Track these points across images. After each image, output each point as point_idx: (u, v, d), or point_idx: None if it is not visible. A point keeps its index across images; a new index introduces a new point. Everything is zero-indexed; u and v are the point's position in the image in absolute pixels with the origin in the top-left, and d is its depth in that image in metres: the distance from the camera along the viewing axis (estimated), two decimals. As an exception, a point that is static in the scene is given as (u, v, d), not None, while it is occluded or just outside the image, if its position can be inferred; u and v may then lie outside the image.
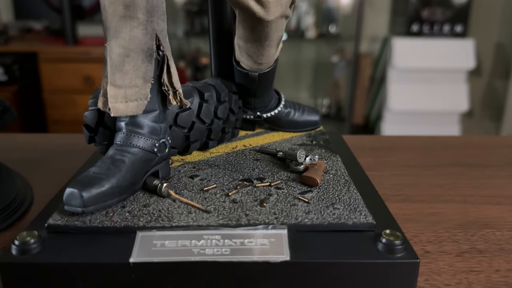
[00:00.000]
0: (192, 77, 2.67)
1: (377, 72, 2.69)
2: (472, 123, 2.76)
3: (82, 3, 2.50)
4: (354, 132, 2.65)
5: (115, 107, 0.50)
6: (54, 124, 2.53)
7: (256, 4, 0.54)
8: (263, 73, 0.64)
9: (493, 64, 2.74)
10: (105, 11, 0.48)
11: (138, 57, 0.49)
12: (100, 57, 2.38)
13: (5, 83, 2.42)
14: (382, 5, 2.67)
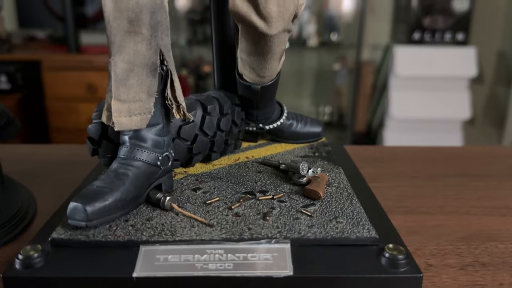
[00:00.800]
0: (195, 85, 2.68)
1: (379, 80, 2.69)
2: (475, 131, 2.76)
3: (85, 12, 2.52)
4: (356, 140, 2.65)
5: (119, 121, 0.50)
6: (56, 132, 2.54)
7: (259, 19, 0.55)
8: (266, 85, 0.65)
9: (495, 71, 2.74)
10: (109, 26, 0.48)
11: (142, 71, 0.49)
12: (103, 65, 2.40)
13: (8, 91, 2.43)
14: (383, 13, 2.68)
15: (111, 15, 0.47)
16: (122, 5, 0.47)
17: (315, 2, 2.56)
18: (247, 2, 0.55)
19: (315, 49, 2.66)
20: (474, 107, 2.63)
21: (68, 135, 2.53)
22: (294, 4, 0.56)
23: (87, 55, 2.44)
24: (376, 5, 2.65)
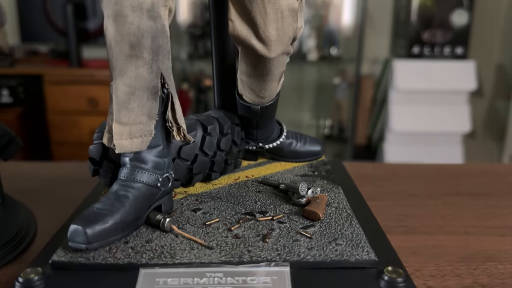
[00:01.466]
0: (195, 99, 2.69)
1: (379, 93, 2.70)
2: (475, 144, 2.76)
3: (87, 26, 2.54)
4: (357, 153, 2.65)
5: (120, 144, 0.50)
6: (57, 145, 2.54)
7: (259, 42, 0.56)
8: (265, 106, 0.65)
9: (495, 85, 2.75)
10: (111, 51, 0.49)
11: (143, 95, 0.50)
12: (105, 79, 2.42)
13: (10, 105, 2.44)
14: (383, 27, 2.70)
15: (113, 40, 0.48)
16: (123, 30, 0.47)
17: (315, 17, 2.58)
18: (246, 26, 0.56)
19: (315, 63, 2.67)
20: (474, 120, 2.64)
21: (69, 148, 2.54)
22: (293, 28, 0.57)
23: (89, 69, 2.46)
24: (375, 20, 2.67)
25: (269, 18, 0.54)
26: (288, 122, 2.73)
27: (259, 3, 0.54)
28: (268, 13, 0.54)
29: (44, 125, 2.53)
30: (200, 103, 2.74)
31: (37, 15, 2.57)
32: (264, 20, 0.54)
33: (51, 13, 2.54)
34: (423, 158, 2.38)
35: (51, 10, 2.53)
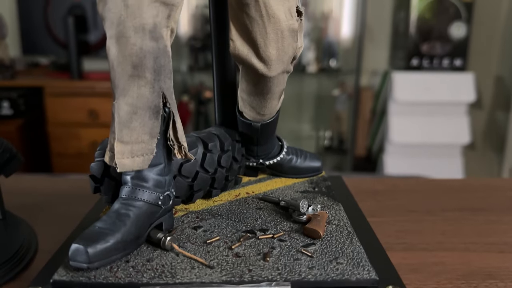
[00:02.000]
0: (195, 111, 2.70)
1: (378, 105, 2.71)
2: (475, 155, 2.77)
3: (88, 39, 2.56)
4: (357, 165, 2.65)
5: (122, 163, 0.51)
6: (57, 157, 2.55)
7: (259, 62, 0.56)
8: (266, 123, 0.66)
9: (493, 96, 2.76)
10: (113, 71, 0.49)
11: (145, 114, 0.51)
12: (105, 91, 2.43)
13: (10, 117, 2.45)
14: (381, 40, 2.72)
15: (116, 60, 0.49)
16: (126, 51, 0.48)
17: (314, 29, 2.60)
18: (247, 46, 0.56)
19: (315, 75, 2.69)
20: (473, 132, 2.64)
21: (69, 160, 2.54)
22: (293, 48, 0.58)
23: (90, 81, 2.47)
24: (374, 32, 2.69)
25: (270, 38, 0.55)
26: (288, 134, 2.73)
27: (259, 24, 0.54)
28: (268, 33, 0.55)
29: (44, 137, 2.53)
30: (200, 115, 2.75)
31: (38, 28, 2.59)
32: (264, 40, 0.55)
33: (52, 25, 2.56)
34: (423, 170, 2.38)
35: (52, 22, 2.55)
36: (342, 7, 2.63)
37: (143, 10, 0.47)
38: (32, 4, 2.56)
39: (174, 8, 0.49)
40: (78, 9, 2.54)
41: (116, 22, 0.47)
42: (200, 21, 2.59)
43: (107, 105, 2.44)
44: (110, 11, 0.47)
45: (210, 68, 2.60)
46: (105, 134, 2.48)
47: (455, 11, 2.49)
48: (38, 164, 2.60)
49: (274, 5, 0.53)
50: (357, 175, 1.96)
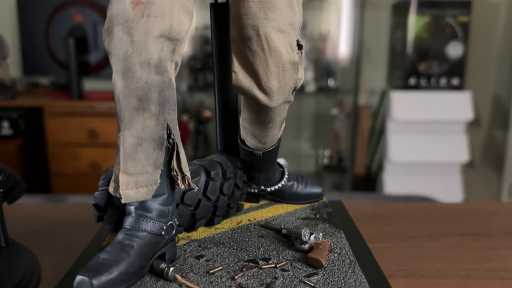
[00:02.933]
0: (195, 130, 2.72)
1: (377, 123, 2.73)
2: (474, 174, 2.77)
3: (88, 59, 2.58)
4: (356, 183, 2.66)
5: (126, 194, 0.51)
6: (56, 177, 2.55)
7: (261, 93, 0.57)
8: (267, 151, 0.67)
9: (491, 115, 2.78)
10: (119, 104, 0.50)
11: (150, 145, 0.51)
12: (105, 111, 2.44)
13: (10, 137, 2.46)
14: (379, 59, 2.75)
15: (121, 94, 0.50)
16: (132, 85, 0.49)
17: (312, 49, 2.63)
18: (249, 78, 0.58)
19: (314, 95, 2.71)
20: (472, 150, 2.66)
21: (68, 180, 2.54)
22: (294, 79, 0.59)
23: (90, 101, 2.48)
24: (372, 52, 2.72)
25: (271, 71, 0.56)
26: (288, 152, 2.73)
27: (261, 57, 0.56)
28: (270, 66, 0.56)
29: (43, 157, 2.54)
30: (200, 134, 2.76)
31: (40, 49, 2.61)
32: (266, 73, 0.56)
33: (53, 46, 2.58)
34: (422, 188, 2.38)
35: (53, 43, 2.58)
36: (339, 28, 2.66)
37: (149, 46, 0.48)
38: (34, 25, 2.59)
39: (178, 43, 0.51)
40: (79, 30, 2.57)
41: (122, 57, 0.48)
42: (199, 41, 2.62)
43: (107, 125, 2.46)
44: (117, 47, 0.48)
45: (209, 87, 2.63)
46: (104, 154, 2.48)
47: (451, 31, 2.53)
48: (37, 184, 2.60)
49: (275, 40, 0.55)
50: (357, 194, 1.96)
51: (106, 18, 0.50)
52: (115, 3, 0.49)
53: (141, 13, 0.48)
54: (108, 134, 2.47)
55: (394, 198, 1.87)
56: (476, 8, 2.54)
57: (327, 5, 2.60)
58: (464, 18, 2.49)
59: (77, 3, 2.56)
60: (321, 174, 2.79)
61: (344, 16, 2.63)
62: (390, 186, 2.52)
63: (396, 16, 2.64)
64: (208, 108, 2.73)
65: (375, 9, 2.64)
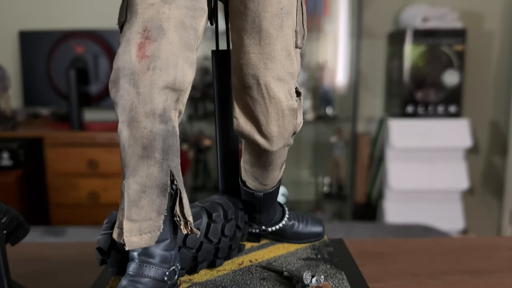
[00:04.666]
0: (195, 158, 2.73)
1: (376, 151, 2.74)
2: (474, 200, 2.77)
3: (88, 90, 2.61)
4: (356, 212, 2.65)
5: (130, 241, 0.52)
6: (55, 207, 2.54)
7: (261, 138, 0.59)
8: (268, 192, 0.68)
9: (490, 141, 2.80)
10: (124, 152, 0.52)
11: (154, 192, 0.52)
12: (105, 141, 2.45)
13: (9, 168, 2.46)
14: (376, 87, 2.79)
15: (127, 143, 0.51)
16: (137, 134, 0.50)
17: (310, 79, 2.67)
18: (250, 123, 0.59)
19: (312, 123, 2.73)
20: (471, 177, 2.66)
21: (67, 210, 2.53)
22: (293, 125, 0.61)
23: (90, 131, 2.50)
24: (369, 80, 2.76)
25: (271, 117, 0.58)
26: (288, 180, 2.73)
27: (261, 104, 0.57)
28: (270, 112, 0.57)
29: (43, 187, 2.53)
30: (199, 162, 2.77)
31: (41, 80, 2.64)
32: (266, 119, 0.58)
33: (54, 77, 2.61)
34: (423, 216, 2.38)
35: (54, 75, 2.61)
36: (336, 57, 2.70)
37: (154, 97, 0.50)
38: (35, 56, 2.63)
39: (182, 93, 0.52)
40: (80, 61, 2.60)
41: (128, 108, 0.50)
42: (199, 72, 2.66)
43: (106, 155, 2.46)
44: (123, 98, 0.50)
45: (209, 117, 2.65)
46: (103, 184, 2.49)
47: (447, 60, 2.57)
48: (37, 215, 2.59)
49: (274, 88, 0.57)
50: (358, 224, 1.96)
51: (112, 70, 0.51)
52: (121, 56, 0.50)
53: (146, 66, 0.49)
54: (108, 164, 2.48)
55: (395, 227, 1.86)
56: (471, 36, 2.59)
57: (323, 36, 2.65)
58: (459, 47, 2.54)
59: (78, 35, 2.60)
60: (321, 202, 2.79)
61: (341, 45, 2.68)
62: (391, 214, 2.51)
63: (392, 45, 2.68)
64: (208, 137, 2.75)
65: (371, 38, 2.69)
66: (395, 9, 2.66)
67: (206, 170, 2.79)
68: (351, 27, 2.58)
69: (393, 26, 2.69)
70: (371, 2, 2.65)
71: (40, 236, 1.80)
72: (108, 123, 2.54)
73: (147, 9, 0.51)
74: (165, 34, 0.50)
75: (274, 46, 0.56)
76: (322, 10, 2.52)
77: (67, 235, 1.85)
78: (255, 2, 0.55)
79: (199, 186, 2.79)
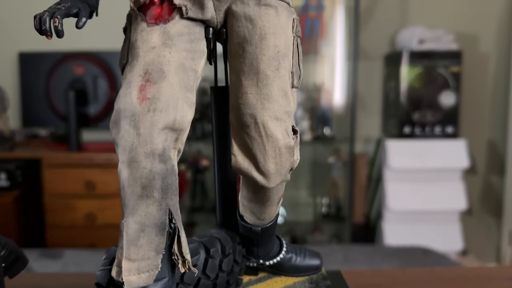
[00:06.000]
0: (192, 179, 2.73)
1: (374, 171, 2.75)
2: (473, 221, 2.77)
3: (87, 112, 2.62)
4: (355, 233, 2.64)
5: (128, 280, 0.52)
6: (52, 229, 2.52)
7: (259, 175, 0.59)
8: (266, 227, 0.68)
9: (487, 162, 2.81)
10: (124, 191, 0.52)
11: (152, 231, 0.53)
12: (103, 162, 2.45)
13: (6, 189, 2.45)
14: (373, 108, 2.80)
15: (126, 182, 0.51)
16: (137, 174, 0.51)
17: (308, 100, 2.69)
18: (248, 160, 0.60)
19: (310, 143, 2.74)
20: (470, 197, 2.66)
21: (63, 232, 2.51)
22: (290, 162, 0.62)
23: (88, 152, 2.50)
24: (366, 101, 2.78)
25: (269, 155, 0.58)
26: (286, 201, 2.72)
27: (259, 143, 0.58)
28: (267, 150, 0.58)
29: (40, 208, 2.52)
30: (197, 183, 2.77)
31: (40, 101, 2.65)
32: (264, 157, 0.58)
33: (53, 98, 2.62)
34: (422, 237, 2.37)
35: (54, 96, 2.62)
36: (333, 78, 2.73)
37: (154, 137, 0.51)
38: (35, 78, 2.65)
39: (182, 132, 0.53)
40: (79, 83, 2.61)
41: (129, 149, 0.50)
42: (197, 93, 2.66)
43: (104, 176, 2.46)
44: (123, 139, 0.51)
45: (207, 137, 2.66)
46: (100, 205, 2.48)
47: (443, 81, 2.59)
48: (33, 236, 2.58)
49: (272, 127, 0.58)
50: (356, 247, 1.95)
51: (114, 110, 0.52)
52: (122, 98, 0.51)
53: (147, 108, 0.50)
54: (105, 185, 2.47)
55: (394, 251, 1.86)
56: (466, 58, 2.62)
57: (321, 58, 2.68)
58: (455, 68, 2.56)
59: (78, 56, 2.62)
60: (319, 223, 2.78)
61: (338, 67, 2.70)
62: (389, 235, 2.50)
63: (388, 67, 2.71)
64: (206, 157, 2.75)
65: (368, 60, 2.72)
66: (391, 31, 2.70)
67: (204, 190, 2.79)
68: (347, 49, 2.61)
69: (389, 48, 2.72)
70: (368, 25, 2.68)
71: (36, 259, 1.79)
72: (106, 144, 2.54)
73: (148, 52, 0.52)
74: (165, 77, 0.51)
75: (271, 87, 0.57)
76: (319, 33, 2.55)
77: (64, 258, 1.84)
78: (253, 45, 0.56)
79: (197, 207, 2.78)
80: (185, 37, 0.55)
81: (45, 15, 0.51)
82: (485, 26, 2.71)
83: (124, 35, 0.57)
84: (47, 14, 0.51)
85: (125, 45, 0.55)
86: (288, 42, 0.58)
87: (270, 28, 0.56)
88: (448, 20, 2.70)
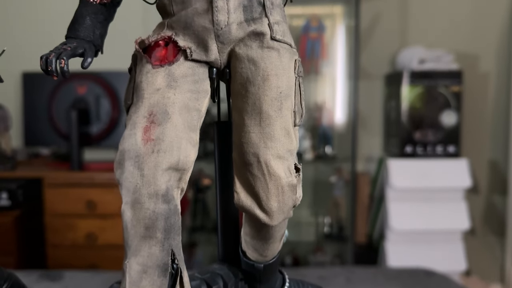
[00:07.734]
0: (194, 198, 2.72)
1: (376, 191, 2.74)
2: (476, 241, 2.75)
3: (89, 131, 2.62)
4: (358, 254, 2.62)
5: (131, 322, 0.52)
6: (52, 248, 2.51)
7: (262, 212, 0.59)
8: (268, 264, 0.68)
9: (489, 181, 2.80)
10: (127, 232, 0.52)
11: (155, 272, 0.52)
12: (104, 181, 2.45)
13: (7, 208, 2.45)
14: (375, 127, 2.81)
15: (130, 223, 0.51)
16: (140, 215, 0.51)
17: (309, 119, 2.69)
18: (250, 198, 0.60)
19: (312, 163, 2.74)
20: (472, 217, 2.65)
21: (64, 252, 2.50)
22: (292, 199, 0.62)
23: (89, 172, 2.49)
24: (367, 120, 2.78)
25: (271, 193, 0.58)
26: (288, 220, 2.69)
27: (262, 181, 0.58)
28: (270, 188, 0.58)
29: (40, 228, 2.51)
30: (198, 202, 2.76)
31: (42, 120, 2.66)
32: (266, 195, 0.58)
33: (55, 118, 2.63)
34: (425, 258, 2.35)
35: (56, 115, 2.63)
36: (334, 98, 2.74)
37: (157, 178, 0.51)
38: (38, 97, 2.66)
39: (185, 172, 0.53)
40: (81, 102, 2.63)
41: (133, 190, 0.50)
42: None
43: (105, 195, 2.45)
44: (127, 180, 0.51)
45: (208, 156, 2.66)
46: (101, 225, 2.46)
47: (444, 101, 2.59)
48: (33, 256, 2.56)
49: (274, 165, 0.58)
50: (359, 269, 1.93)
51: (118, 151, 0.52)
52: (127, 138, 0.51)
53: (151, 149, 0.50)
54: (106, 204, 2.46)
55: (397, 272, 1.84)
56: (467, 78, 2.63)
57: (322, 77, 2.69)
58: (456, 87, 2.57)
59: (81, 76, 2.63)
60: (321, 243, 2.76)
61: (338, 86, 2.71)
62: (392, 256, 2.48)
63: (389, 86, 2.72)
64: (207, 176, 2.74)
65: (369, 80, 2.73)
66: (392, 51, 2.71)
67: (205, 209, 2.78)
68: (348, 69, 2.62)
69: (390, 68, 2.74)
70: (368, 45, 2.70)
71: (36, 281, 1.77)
72: (107, 163, 2.54)
73: (153, 94, 0.52)
74: (169, 118, 0.52)
75: (274, 126, 0.57)
76: (320, 54, 2.56)
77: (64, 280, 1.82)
78: (256, 86, 0.56)
79: (198, 226, 2.77)
80: (189, 78, 0.55)
81: (51, 56, 0.52)
82: (485, 46, 2.73)
83: (129, 74, 0.57)
84: (53, 55, 0.52)
85: (130, 85, 0.55)
86: (290, 83, 0.59)
87: (273, 70, 0.56)
88: (448, 40, 2.72)
